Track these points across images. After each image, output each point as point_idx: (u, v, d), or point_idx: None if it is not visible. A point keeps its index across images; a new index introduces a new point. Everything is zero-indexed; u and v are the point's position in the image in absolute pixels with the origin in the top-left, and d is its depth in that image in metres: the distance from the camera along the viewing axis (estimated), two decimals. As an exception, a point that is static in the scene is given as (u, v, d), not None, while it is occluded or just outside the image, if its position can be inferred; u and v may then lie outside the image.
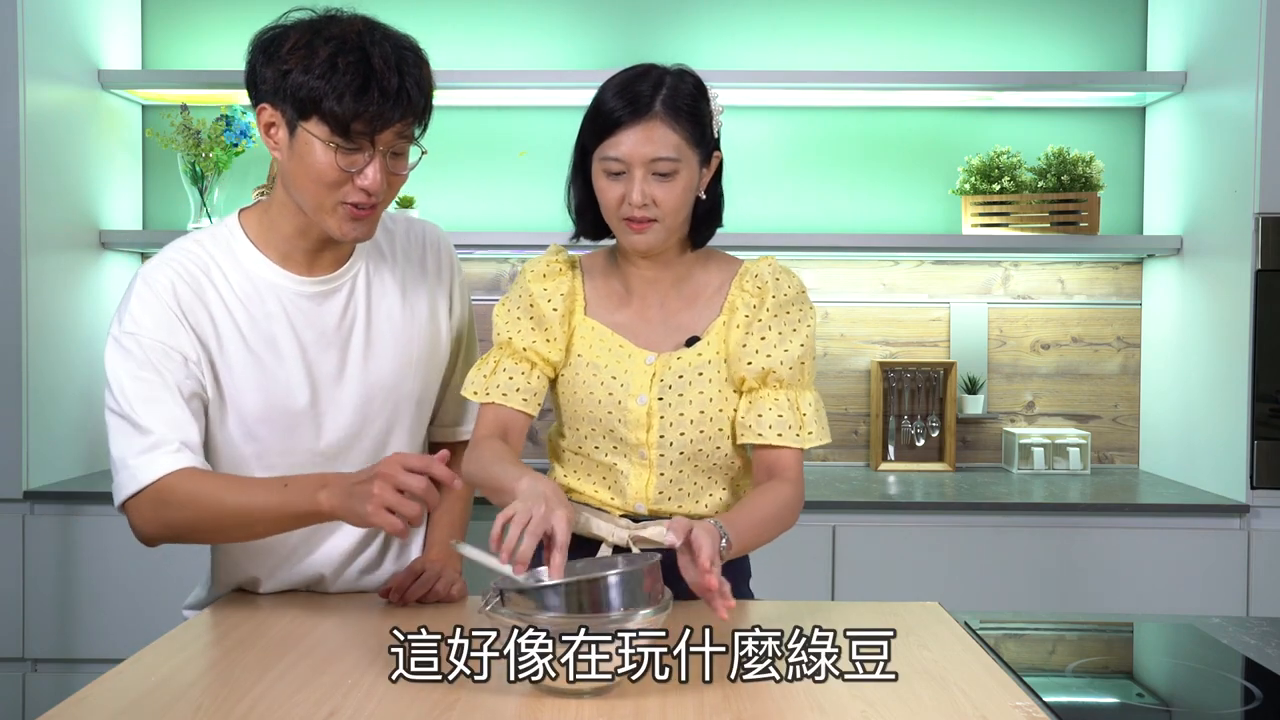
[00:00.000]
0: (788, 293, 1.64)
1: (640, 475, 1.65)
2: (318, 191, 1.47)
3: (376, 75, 1.41)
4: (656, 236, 1.59)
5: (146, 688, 1.25)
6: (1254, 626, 1.63)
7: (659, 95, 1.55)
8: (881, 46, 3.18)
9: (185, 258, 1.56)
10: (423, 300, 1.67)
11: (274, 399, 1.56)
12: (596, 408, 1.65)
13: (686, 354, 1.64)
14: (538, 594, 1.25)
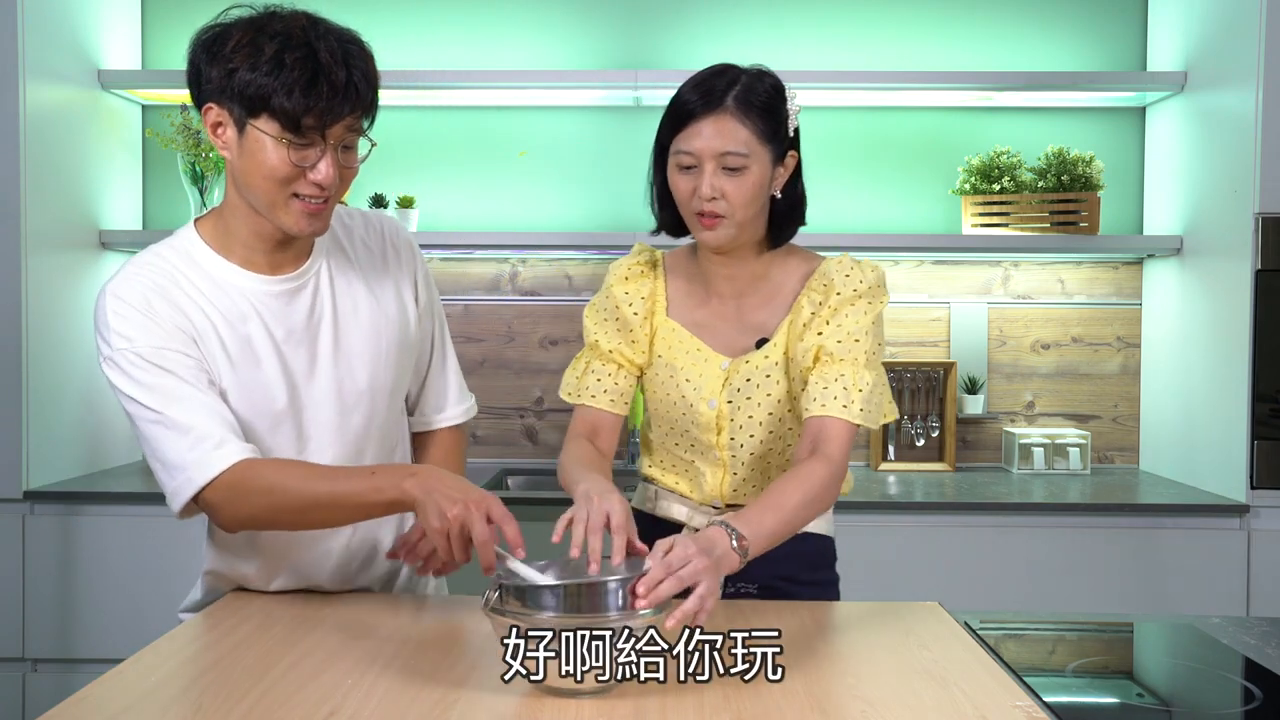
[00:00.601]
0: (856, 287, 1.63)
1: (715, 474, 1.69)
2: (269, 188, 1.47)
3: (324, 70, 1.41)
4: (727, 233, 1.60)
5: (146, 688, 1.25)
6: (1254, 626, 1.63)
7: (732, 91, 1.57)
8: (881, 46, 3.18)
9: (148, 270, 1.56)
10: (388, 292, 1.66)
11: (255, 400, 1.56)
12: (672, 409, 1.68)
13: (755, 356, 1.66)
14: (538, 594, 1.25)
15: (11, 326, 2.68)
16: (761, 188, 1.60)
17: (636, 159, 3.21)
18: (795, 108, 1.63)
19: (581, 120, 3.21)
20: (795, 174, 1.67)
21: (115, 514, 2.71)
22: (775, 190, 1.63)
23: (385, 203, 3.06)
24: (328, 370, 1.60)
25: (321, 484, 1.46)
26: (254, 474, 1.46)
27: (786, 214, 1.66)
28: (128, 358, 1.51)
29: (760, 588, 1.68)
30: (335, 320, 1.61)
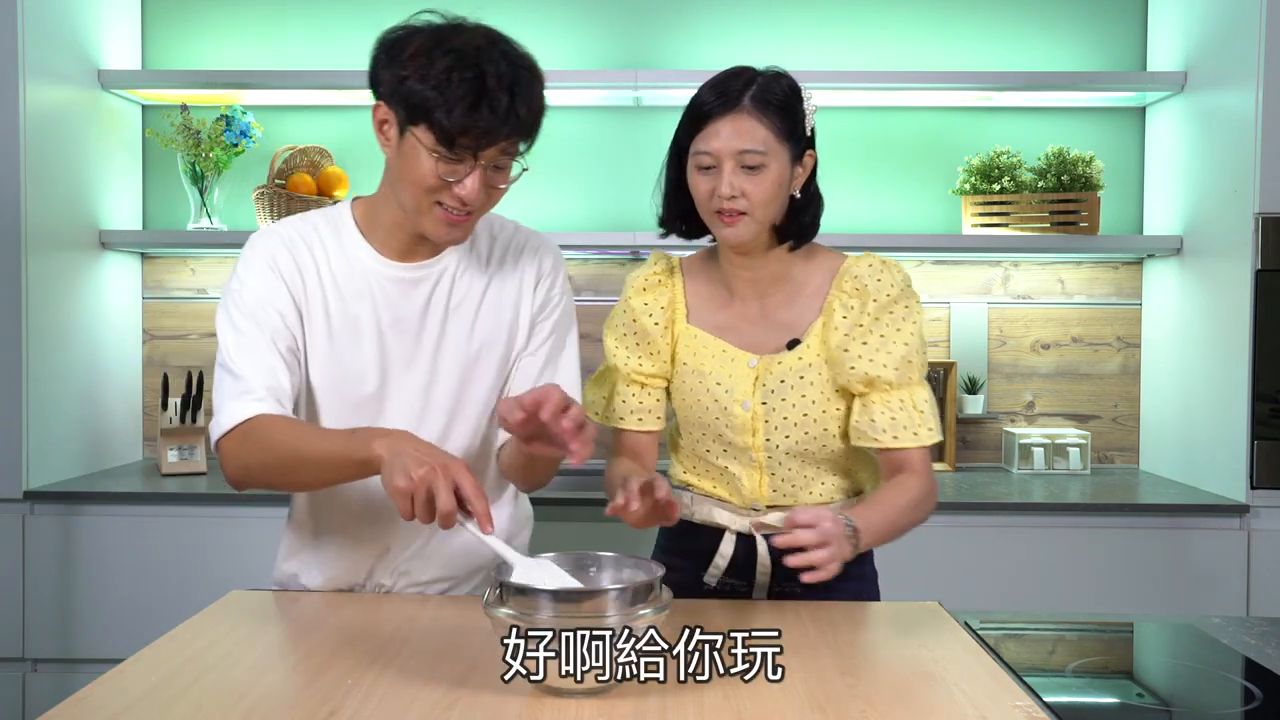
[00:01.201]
0: (889, 292, 1.63)
1: (752, 476, 1.69)
2: (417, 194, 1.51)
3: (489, 93, 1.43)
4: (747, 230, 1.61)
5: (146, 688, 1.25)
6: (1254, 626, 1.63)
7: (749, 91, 1.59)
8: (881, 46, 3.18)
9: (292, 229, 1.63)
10: (508, 306, 1.66)
11: (346, 380, 1.61)
12: (704, 414, 1.69)
13: (788, 357, 1.66)
14: (538, 593, 1.25)
15: (11, 326, 2.68)
16: (780, 186, 1.61)
17: (636, 159, 3.22)
18: (812, 107, 1.65)
19: (581, 120, 3.21)
20: (812, 174, 1.68)
21: (115, 514, 2.71)
22: (794, 190, 1.65)
23: (385, 203, 3.06)
24: (425, 365, 1.62)
25: (306, 443, 1.49)
26: (260, 428, 1.51)
27: (804, 213, 1.67)
28: (235, 299, 1.59)
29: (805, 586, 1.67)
30: (445, 319, 1.63)
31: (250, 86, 3.06)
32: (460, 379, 1.64)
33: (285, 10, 3.23)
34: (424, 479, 1.32)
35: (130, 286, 3.20)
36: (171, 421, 2.98)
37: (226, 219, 3.18)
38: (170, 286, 3.27)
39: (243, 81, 3.04)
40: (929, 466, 1.64)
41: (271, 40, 3.23)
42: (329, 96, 3.15)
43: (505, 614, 1.23)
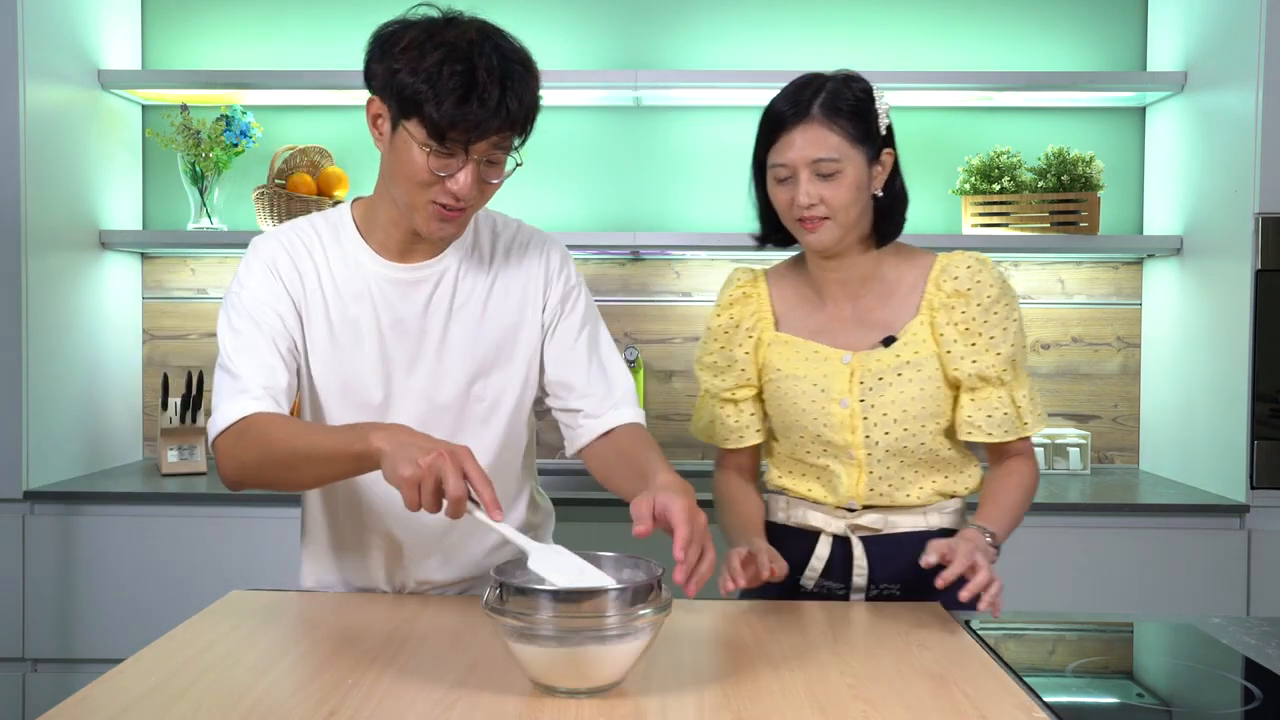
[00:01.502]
0: (990, 292, 1.66)
1: (851, 474, 1.70)
2: (410, 189, 1.50)
3: (479, 87, 1.42)
4: (830, 234, 1.63)
5: (146, 688, 1.25)
6: (1254, 626, 1.63)
7: (817, 99, 1.61)
8: (882, 46, 3.18)
9: (292, 233, 1.63)
10: (513, 304, 1.66)
11: (347, 380, 1.61)
12: (802, 415, 1.70)
13: (884, 354, 1.68)
14: (538, 593, 1.25)
15: (11, 326, 2.68)
16: (859, 189, 1.63)
17: (636, 159, 3.23)
18: (884, 106, 1.67)
19: (581, 120, 3.21)
20: (894, 172, 1.69)
21: (115, 514, 2.71)
22: (876, 189, 1.66)
23: (385, 203, 3.06)
24: (426, 368, 1.62)
25: (301, 439, 1.46)
26: (256, 425, 1.50)
27: (889, 211, 1.69)
28: (234, 301, 1.59)
29: (903, 587, 1.72)
30: (448, 319, 1.62)
31: (250, 86, 3.06)
32: (468, 380, 1.63)
33: (285, 10, 3.23)
34: (431, 466, 1.29)
35: (130, 286, 3.20)
36: (171, 421, 2.98)
37: (226, 219, 3.19)
38: (170, 286, 3.27)
39: (243, 81, 3.04)
40: (1032, 448, 1.75)
41: (271, 40, 3.23)
42: (329, 96, 3.15)
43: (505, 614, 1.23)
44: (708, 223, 3.23)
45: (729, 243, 3.04)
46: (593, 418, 1.68)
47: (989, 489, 1.71)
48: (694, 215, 3.24)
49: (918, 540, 1.68)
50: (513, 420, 1.68)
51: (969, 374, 1.66)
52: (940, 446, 1.71)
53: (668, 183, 3.24)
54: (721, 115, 3.22)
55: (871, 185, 1.65)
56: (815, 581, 1.74)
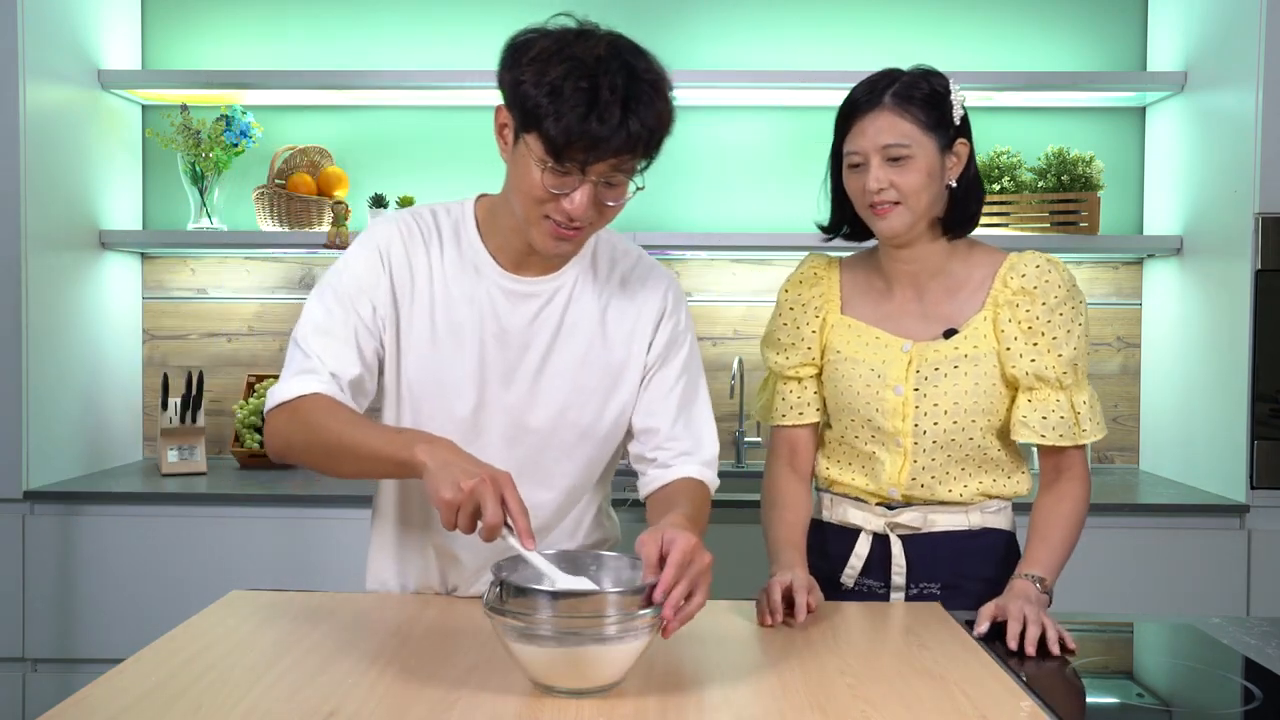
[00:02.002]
0: (1058, 293, 1.66)
1: (895, 462, 1.70)
2: (526, 204, 1.46)
3: (600, 105, 1.36)
4: (901, 220, 1.64)
5: (146, 688, 1.25)
6: (1254, 626, 1.63)
7: (890, 89, 1.64)
8: (882, 46, 3.18)
9: (415, 219, 1.60)
10: (622, 334, 1.61)
11: (439, 382, 1.57)
12: (855, 399, 1.72)
13: (944, 345, 1.68)
14: (538, 594, 1.25)
15: (11, 326, 2.68)
16: (930, 176, 1.63)
17: (636, 159, 3.22)
18: (960, 98, 1.67)
19: (581, 120, 3.21)
20: (969, 165, 1.69)
21: (115, 514, 2.71)
22: (950, 179, 1.67)
23: (385, 203, 3.06)
24: (523, 385, 1.58)
25: (349, 431, 1.44)
26: (309, 407, 1.48)
27: (963, 203, 1.69)
28: (334, 279, 1.56)
29: (943, 587, 1.72)
30: (553, 339, 1.58)
31: (250, 86, 3.06)
32: (563, 402, 1.58)
33: (285, 10, 3.23)
34: (472, 491, 1.28)
35: (130, 286, 3.20)
36: (171, 421, 2.98)
37: (226, 219, 3.19)
38: (170, 286, 3.27)
39: (243, 81, 3.04)
40: (1085, 466, 1.72)
41: (271, 40, 3.23)
42: (329, 96, 3.15)
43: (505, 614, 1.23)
44: (708, 223, 3.23)
45: (729, 243, 3.04)
46: (664, 468, 1.62)
47: (1038, 520, 1.69)
48: (694, 215, 3.24)
49: (957, 540, 1.70)
50: (599, 452, 1.64)
51: (1027, 373, 1.65)
52: (990, 446, 1.70)
53: (668, 183, 3.24)
54: (721, 115, 3.22)
55: (945, 175, 1.66)
56: (855, 579, 1.74)
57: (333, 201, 3.07)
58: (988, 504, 1.73)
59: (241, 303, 3.27)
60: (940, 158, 1.65)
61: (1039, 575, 1.61)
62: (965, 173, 1.68)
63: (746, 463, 3.22)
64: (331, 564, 2.69)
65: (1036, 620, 1.49)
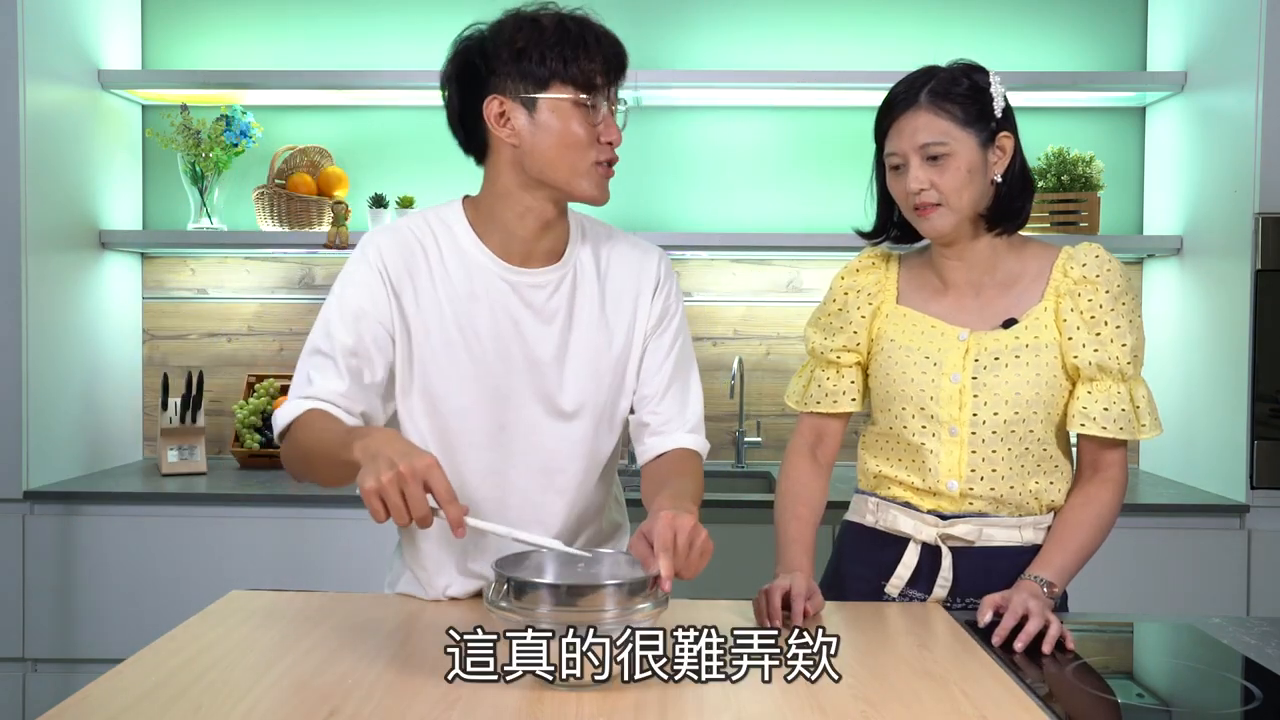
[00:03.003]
0: (1119, 283, 1.66)
1: (951, 453, 1.66)
2: (571, 156, 1.52)
3: (590, 30, 1.51)
4: (944, 220, 1.62)
5: (146, 688, 1.25)
6: (1254, 626, 1.63)
7: (926, 87, 1.63)
8: (882, 46, 3.18)
9: (407, 228, 1.62)
10: (624, 314, 1.66)
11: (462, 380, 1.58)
12: (909, 385, 1.68)
13: (1003, 335, 1.66)
14: (538, 588, 1.25)
15: (11, 326, 2.68)
16: (972, 172, 1.62)
17: (636, 159, 3.22)
18: (999, 91, 1.66)
19: (581, 120, 3.21)
20: (1015, 157, 1.67)
21: (115, 514, 2.71)
22: (995, 174, 1.64)
23: (385, 202, 3.06)
24: (544, 371, 1.60)
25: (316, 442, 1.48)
26: (300, 426, 1.52)
27: (1009, 198, 1.66)
28: (337, 303, 1.59)
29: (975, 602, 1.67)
30: (568, 323, 1.61)
31: (250, 86, 3.06)
32: (587, 384, 1.62)
33: (285, 10, 3.23)
34: (391, 481, 1.29)
35: (130, 286, 3.20)
36: (171, 421, 2.98)
37: (226, 219, 3.19)
38: (170, 286, 3.27)
39: (243, 81, 3.04)
40: (1124, 466, 1.70)
41: (271, 40, 3.23)
42: (329, 96, 3.15)
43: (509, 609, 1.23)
44: (708, 223, 3.23)
45: (729, 243, 3.04)
46: (657, 435, 1.68)
47: (1060, 521, 1.66)
48: (694, 215, 3.24)
49: (1010, 555, 1.66)
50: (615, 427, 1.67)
51: (1089, 362, 1.62)
52: (1048, 443, 1.67)
53: (668, 183, 3.24)
54: (722, 115, 3.22)
55: (989, 170, 1.64)
56: (901, 590, 1.70)
57: (333, 201, 3.07)
58: (1041, 519, 1.68)
59: (241, 303, 3.27)
60: (982, 153, 1.63)
61: (1047, 579, 1.58)
62: (1011, 167, 1.66)
63: (746, 463, 3.22)
64: (331, 564, 2.69)
65: (1039, 614, 1.49)
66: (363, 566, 2.64)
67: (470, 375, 1.58)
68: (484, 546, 1.62)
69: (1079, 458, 1.70)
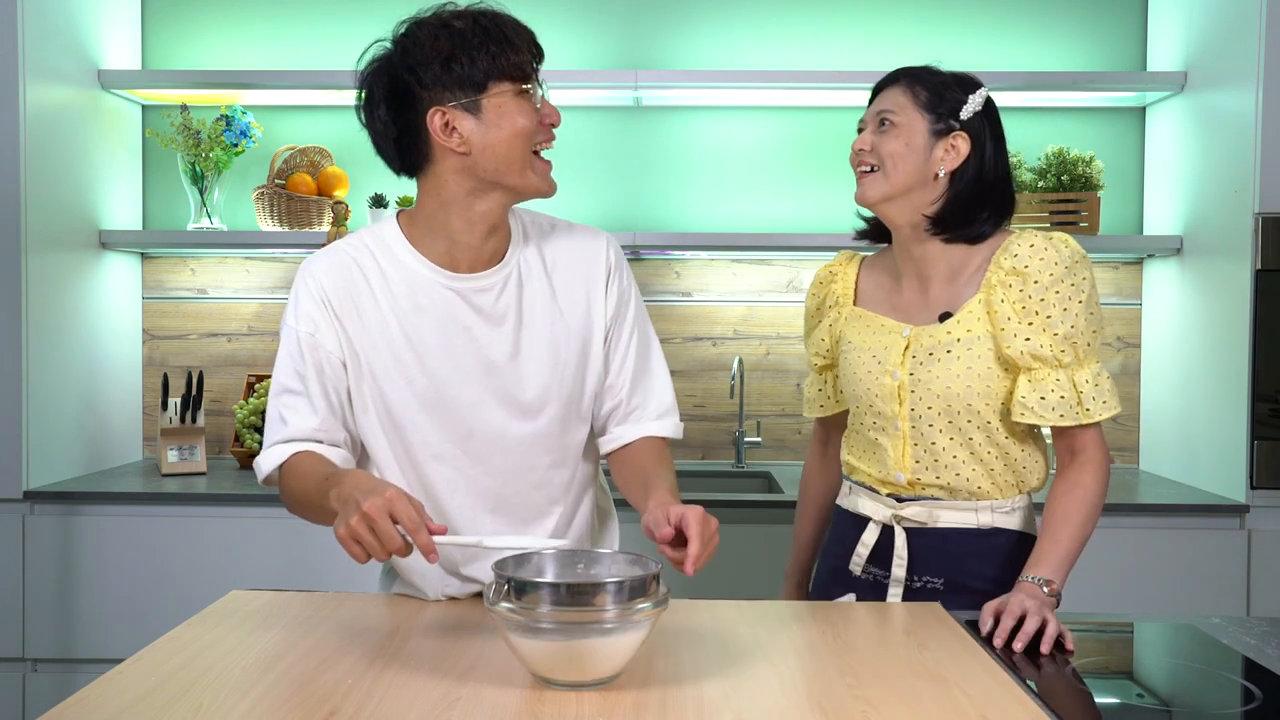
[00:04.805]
0: (1053, 270, 1.63)
1: (897, 447, 1.73)
2: (520, 148, 1.54)
3: (508, 23, 1.53)
4: (876, 187, 1.69)
5: (146, 688, 1.25)
6: (1254, 626, 1.63)
7: (912, 73, 1.71)
8: (882, 47, 3.18)
9: (343, 248, 1.63)
10: (579, 303, 1.66)
11: (420, 392, 1.59)
12: (858, 385, 1.77)
13: (938, 329, 1.70)
14: (538, 587, 1.25)
15: (11, 326, 2.68)
16: (912, 148, 1.67)
17: (636, 159, 3.23)
18: (976, 102, 1.69)
19: (581, 120, 3.21)
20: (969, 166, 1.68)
21: (115, 514, 2.71)
22: (939, 168, 1.68)
23: (385, 203, 3.06)
24: (501, 372, 1.61)
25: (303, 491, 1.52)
26: (287, 473, 1.56)
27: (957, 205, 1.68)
28: (291, 334, 1.61)
29: (946, 582, 1.73)
30: (519, 322, 1.62)
31: (250, 86, 3.06)
32: (543, 381, 1.62)
33: (285, 10, 3.23)
34: (359, 522, 1.31)
35: (130, 286, 3.20)
36: (171, 421, 2.98)
37: (226, 219, 3.19)
38: (170, 286, 3.27)
39: (243, 81, 3.04)
40: (1099, 447, 1.68)
41: (271, 40, 3.23)
42: (329, 96, 3.15)
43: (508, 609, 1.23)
44: (708, 223, 3.23)
45: (729, 243, 3.04)
46: (623, 424, 1.70)
47: (1048, 513, 1.67)
48: (694, 215, 3.24)
49: (964, 537, 1.71)
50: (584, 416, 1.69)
51: (1022, 352, 1.64)
52: (996, 432, 1.69)
53: (668, 183, 3.24)
54: (722, 115, 3.22)
55: (933, 160, 1.67)
56: (863, 567, 1.77)
57: (333, 201, 3.07)
58: (999, 503, 1.72)
59: (241, 303, 3.27)
60: (930, 139, 1.67)
61: (1045, 578, 1.59)
62: (963, 172, 1.68)
63: (746, 463, 3.22)
64: (331, 564, 2.68)
65: (1036, 613, 1.49)
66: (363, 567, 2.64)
67: (425, 388, 1.59)
68: (471, 553, 1.63)
69: (1055, 447, 1.73)
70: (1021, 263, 1.64)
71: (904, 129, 1.67)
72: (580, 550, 1.42)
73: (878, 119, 1.69)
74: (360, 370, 1.59)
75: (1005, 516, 1.72)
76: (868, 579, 1.77)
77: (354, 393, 1.60)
